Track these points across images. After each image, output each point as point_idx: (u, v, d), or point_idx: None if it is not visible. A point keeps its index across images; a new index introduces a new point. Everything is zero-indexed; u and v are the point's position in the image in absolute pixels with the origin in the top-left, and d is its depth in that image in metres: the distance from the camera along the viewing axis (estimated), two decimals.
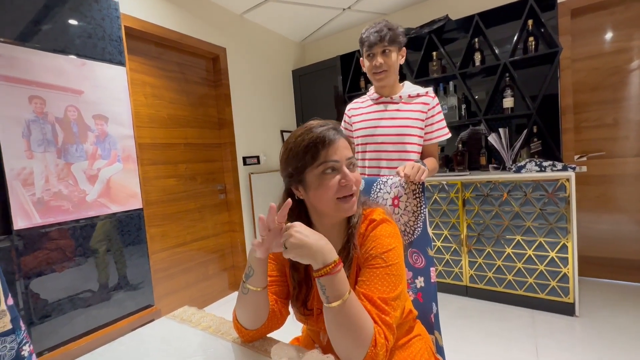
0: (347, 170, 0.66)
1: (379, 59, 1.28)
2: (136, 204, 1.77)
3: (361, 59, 1.40)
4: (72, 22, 1.53)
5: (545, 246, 1.94)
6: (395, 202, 0.96)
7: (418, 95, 1.34)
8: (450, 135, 1.39)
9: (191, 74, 2.45)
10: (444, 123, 1.36)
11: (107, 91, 1.65)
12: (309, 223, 0.73)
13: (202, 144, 2.52)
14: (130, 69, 2.00)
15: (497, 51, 2.36)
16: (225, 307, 2.49)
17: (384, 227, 0.68)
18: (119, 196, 1.68)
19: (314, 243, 0.57)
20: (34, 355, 0.71)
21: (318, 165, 0.66)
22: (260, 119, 2.96)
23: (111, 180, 1.65)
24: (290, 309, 0.76)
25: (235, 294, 2.69)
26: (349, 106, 1.50)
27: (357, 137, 1.41)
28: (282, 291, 0.74)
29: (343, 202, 0.66)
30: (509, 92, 2.33)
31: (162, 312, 1.97)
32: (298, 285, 0.72)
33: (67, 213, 1.48)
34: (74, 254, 1.53)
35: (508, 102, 2.33)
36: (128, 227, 1.74)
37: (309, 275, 0.73)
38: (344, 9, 2.80)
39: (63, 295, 1.49)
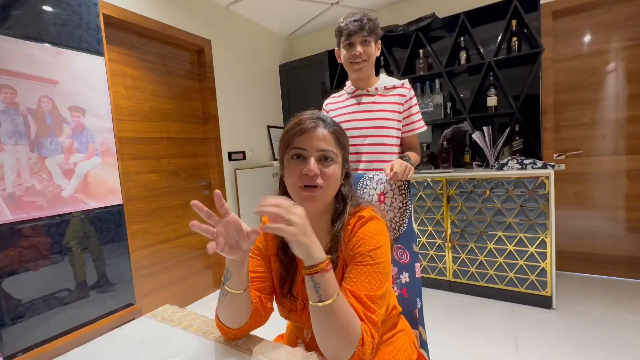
0: (311, 160, 0.64)
1: (359, 48, 1.25)
2: (116, 199, 1.71)
3: (336, 49, 1.35)
4: (46, 8, 1.45)
5: (525, 241, 2.00)
6: (382, 198, 0.96)
7: (394, 87, 1.32)
8: (426, 127, 1.37)
9: (174, 66, 2.38)
10: (420, 114, 1.35)
11: (84, 82, 1.57)
12: None
13: (186, 138, 2.46)
14: (110, 60, 1.92)
15: (482, 50, 2.40)
16: (209, 305, 2.45)
17: (372, 225, 0.68)
18: (97, 191, 1.62)
19: (313, 235, 0.56)
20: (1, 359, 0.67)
21: (289, 151, 0.67)
22: (246, 114, 2.91)
23: (89, 175, 1.58)
24: (275, 306, 0.75)
25: (219, 291, 2.65)
26: (326, 101, 1.47)
27: None
28: (266, 287, 0.73)
29: (302, 190, 0.66)
30: (492, 91, 2.37)
31: (144, 310, 1.92)
32: (285, 269, 0.72)
33: (41, 209, 1.41)
34: (49, 251, 1.46)
35: (492, 101, 2.38)
36: (107, 224, 1.68)
37: (295, 259, 0.72)
38: (331, 4, 2.78)
39: (37, 294, 1.42)
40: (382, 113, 1.30)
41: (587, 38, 2.31)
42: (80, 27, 1.57)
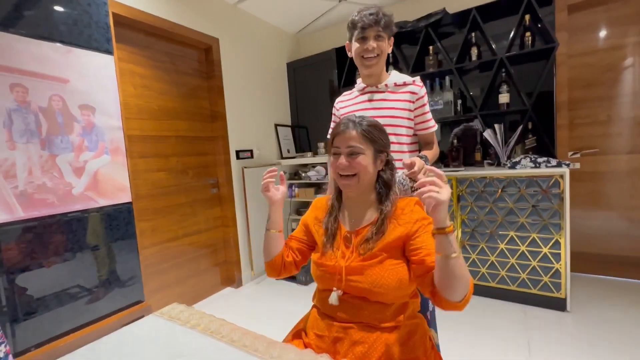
0: (341, 158, 0.84)
1: (372, 43, 1.22)
2: (125, 197, 1.72)
3: (347, 43, 1.33)
4: (57, 8, 1.46)
5: (539, 242, 1.95)
6: None
7: (405, 84, 1.28)
8: (437, 126, 1.35)
9: (182, 64, 2.39)
10: (431, 113, 1.33)
11: (94, 80, 1.59)
12: (339, 195, 0.94)
13: (194, 136, 2.46)
14: (119, 58, 1.93)
15: (493, 46, 2.35)
16: (217, 303, 2.46)
17: (418, 206, 0.85)
18: (107, 189, 1.63)
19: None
20: (10, 356, 0.68)
21: (331, 149, 0.89)
22: (254, 112, 2.90)
23: (99, 172, 1.60)
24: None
25: (227, 289, 2.67)
26: (337, 99, 1.46)
27: None
28: (300, 250, 0.96)
29: (339, 179, 0.87)
30: (504, 87, 2.32)
31: (153, 308, 1.93)
32: (330, 229, 0.89)
33: (52, 206, 1.43)
34: (60, 248, 1.48)
35: (504, 98, 2.32)
36: (117, 221, 1.69)
37: (337, 223, 0.90)
38: (339, 1, 2.75)
39: (49, 291, 1.44)
40: (392, 111, 1.27)
41: (603, 33, 2.24)
42: (90, 26, 1.58)
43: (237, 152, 2.68)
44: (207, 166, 2.57)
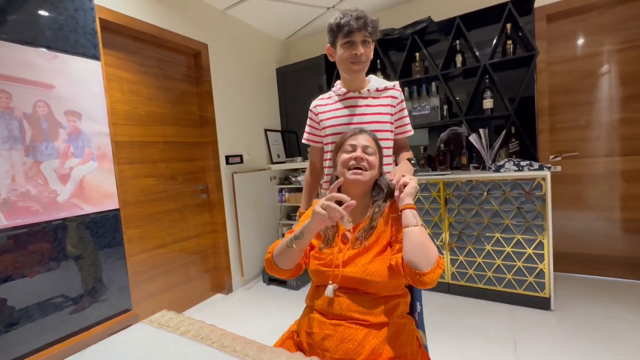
0: (359, 150, 0.94)
1: (361, 49, 1.17)
2: (112, 204, 1.69)
3: (328, 46, 1.28)
4: (42, 12, 1.45)
5: (523, 243, 2.01)
6: None
7: (386, 89, 1.28)
8: (412, 132, 1.35)
9: (171, 70, 2.38)
10: (408, 118, 1.34)
11: (81, 86, 1.57)
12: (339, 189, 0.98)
13: (183, 142, 2.45)
14: (106, 64, 1.92)
15: (477, 53, 2.42)
16: (208, 309, 2.43)
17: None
18: (93, 196, 1.61)
19: None
20: None
21: (343, 147, 0.98)
22: (243, 118, 2.91)
23: (85, 179, 1.57)
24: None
25: (218, 296, 2.64)
26: (314, 103, 1.41)
27: (327, 135, 1.32)
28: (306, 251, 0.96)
29: (350, 172, 0.93)
30: (488, 93, 2.39)
31: (141, 316, 1.90)
32: (330, 227, 0.93)
33: (36, 214, 1.40)
34: (45, 257, 1.44)
35: (488, 103, 2.39)
36: (104, 229, 1.67)
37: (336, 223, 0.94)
38: (328, 8, 2.79)
39: (33, 301, 1.40)
40: (377, 116, 1.26)
41: (580, 41, 2.34)
42: (76, 31, 1.56)
43: (227, 158, 2.68)
44: (196, 172, 2.55)
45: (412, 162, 1.22)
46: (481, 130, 2.34)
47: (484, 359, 1.61)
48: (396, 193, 0.88)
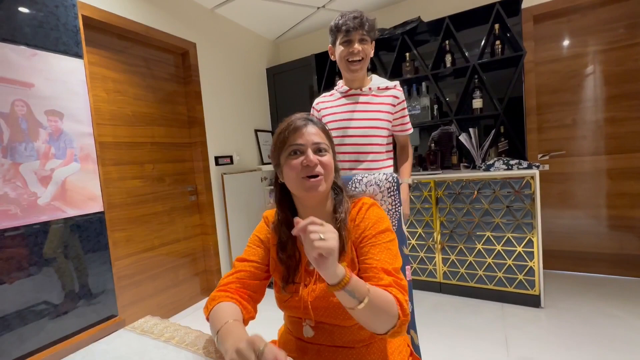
0: (309, 152, 0.70)
1: (357, 46, 1.25)
2: (96, 207, 1.64)
3: (329, 46, 1.35)
4: (21, 9, 1.39)
5: (513, 241, 2.02)
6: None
7: (387, 88, 1.34)
8: (412, 130, 1.44)
9: (158, 69, 2.33)
10: (408, 117, 1.41)
11: (62, 85, 1.52)
12: (293, 208, 0.79)
13: (171, 143, 2.40)
14: (90, 62, 1.86)
15: (466, 53, 2.44)
16: (197, 313, 2.38)
17: (374, 209, 0.76)
18: (76, 199, 1.55)
19: (337, 253, 0.55)
20: None
21: (286, 149, 0.72)
22: (233, 118, 2.87)
23: (67, 181, 1.52)
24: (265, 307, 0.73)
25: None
26: (317, 100, 1.46)
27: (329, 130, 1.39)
28: (255, 285, 0.77)
29: (306, 180, 0.70)
30: (478, 93, 2.41)
31: (127, 322, 1.85)
32: (287, 267, 0.75)
33: (14, 218, 1.34)
34: (25, 263, 1.39)
35: (477, 103, 2.41)
36: (87, 232, 1.62)
37: (295, 254, 0.76)
38: (318, 8, 2.78)
39: (13, 308, 1.35)
40: (377, 113, 1.32)
41: (566, 42, 2.38)
42: (57, 28, 1.51)
43: (217, 158, 2.63)
44: (185, 173, 2.50)
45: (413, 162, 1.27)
46: (471, 130, 2.36)
47: (475, 357, 1.61)
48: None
